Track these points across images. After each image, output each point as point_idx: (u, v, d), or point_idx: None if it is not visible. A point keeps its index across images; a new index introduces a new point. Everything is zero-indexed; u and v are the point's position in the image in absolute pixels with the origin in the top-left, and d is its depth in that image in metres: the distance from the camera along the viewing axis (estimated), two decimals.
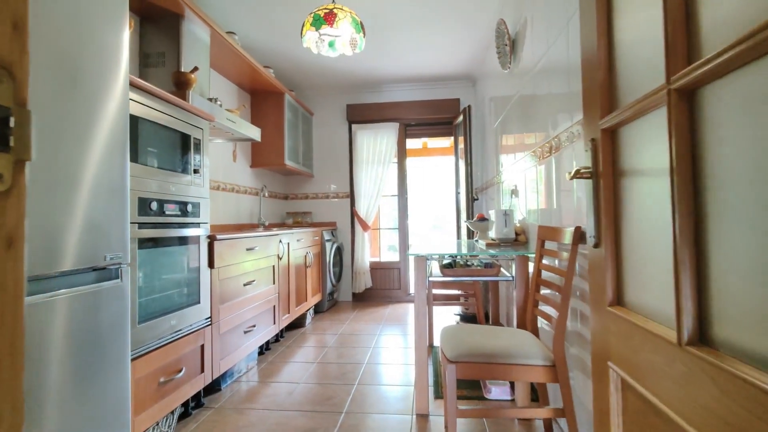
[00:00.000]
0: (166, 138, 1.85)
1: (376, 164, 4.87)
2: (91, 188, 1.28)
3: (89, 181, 1.28)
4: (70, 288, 1.22)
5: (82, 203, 1.25)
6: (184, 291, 1.97)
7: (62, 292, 1.19)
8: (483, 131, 4.23)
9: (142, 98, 1.70)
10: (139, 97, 1.68)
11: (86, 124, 1.28)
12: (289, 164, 4.20)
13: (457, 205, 4.74)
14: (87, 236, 1.27)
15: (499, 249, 2.25)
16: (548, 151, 1.99)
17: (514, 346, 1.52)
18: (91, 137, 1.30)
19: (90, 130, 1.29)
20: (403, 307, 4.63)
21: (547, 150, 2.00)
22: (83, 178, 1.25)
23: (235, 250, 2.44)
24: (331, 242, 4.55)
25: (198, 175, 2.08)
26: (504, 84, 3.13)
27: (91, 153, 1.29)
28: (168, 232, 1.82)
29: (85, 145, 1.27)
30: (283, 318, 3.27)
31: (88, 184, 1.27)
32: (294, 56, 3.97)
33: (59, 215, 1.17)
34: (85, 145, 1.27)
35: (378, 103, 4.92)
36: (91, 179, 1.28)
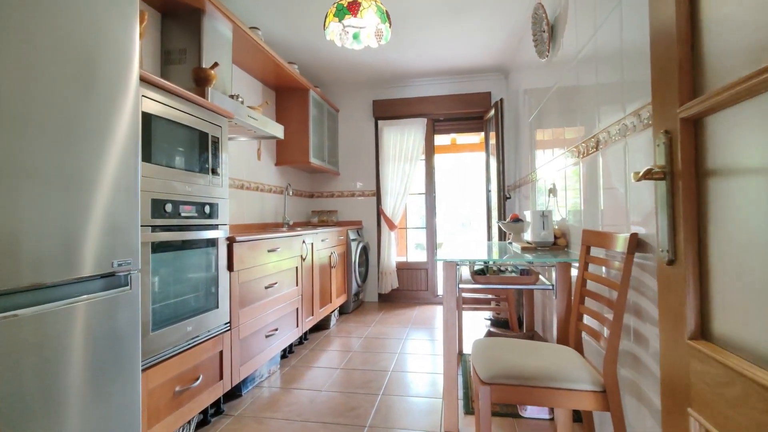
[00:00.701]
0: (181, 136, 1.77)
1: (403, 161, 4.72)
2: (97, 190, 1.20)
3: (96, 183, 1.19)
4: (74, 298, 1.14)
5: (87, 206, 1.17)
6: (202, 295, 1.89)
7: (66, 302, 1.11)
8: (516, 126, 4.00)
9: (155, 95, 1.61)
10: (153, 94, 1.60)
11: (94, 122, 1.19)
12: (314, 162, 4.11)
13: (488, 204, 4.53)
14: (93, 242, 1.19)
15: (536, 254, 2.07)
16: (593, 147, 1.78)
17: (556, 367, 1.35)
18: (98, 136, 1.21)
19: (97, 128, 1.21)
20: (431, 310, 4.47)
21: (593, 145, 1.79)
22: (89, 180, 1.17)
23: (256, 252, 2.36)
24: (357, 242, 4.44)
25: (216, 175, 2.00)
26: (540, 75, 2.92)
27: (97, 152, 1.21)
28: (184, 235, 1.73)
29: (90, 143, 1.18)
30: (307, 320, 3.19)
31: (95, 186, 1.19)
32: (318, 51, 3.87)
33: (62, 219, 1.09)
34: (90, 143, 1.18)
35: (405, 98, 4.76)
36: (97, 180, 1.20)
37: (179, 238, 1.71)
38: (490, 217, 4.52)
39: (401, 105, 4.75)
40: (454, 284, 1.88)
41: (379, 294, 4.85)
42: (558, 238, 2.23)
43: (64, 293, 1.12)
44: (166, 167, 1.67)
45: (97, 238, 1.21)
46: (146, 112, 1.57)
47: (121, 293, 1.31)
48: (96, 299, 1.20)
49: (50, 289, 1.08)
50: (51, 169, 1.07)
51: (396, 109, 4.76)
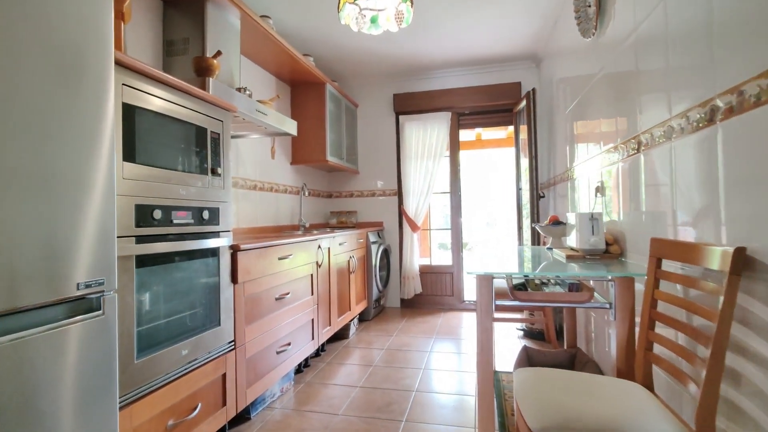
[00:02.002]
0: (174, 132, 1.54)
1: (426, 158, 4.43)
2: (57, 195, 0.97)
3: (55, 185, 0.97)
4: (24, 331, 0.92)
5: (41, 216, 0.94)
6: (200, 313, 1.67)
7: (11, 338, 0.89)
8: (550, 118, 3.66)
9: (141, 84, 1.39)
10: (138, 83, 1.38)
11: (56, 112, 0.97)
12: (331, 160, 3.87)
13: (518, 203, 4.20)
14: (48, 260, 0.97)
15: (583, 263, 1.76)
16: (662, 137, 1.47)
17: (629, 417, 1.06)
18: (62, 128, 0.99)
19: (60, 119, 0.98)
20: (457, 317, 4.17)
21: (661, 135, 1.48)
22: (45, 181, 0.94)
23: (264, 261, 2.13)
24: (377, 244, 4.18)
25: (217, 176, 1.77)
26: (582, 60, 2.58)
27: (59, 148, 0.98)
28: (177, 246, 1.51)
29: (51, 138, 0.96)
30: (324, 332, 2.95)
31: (53, 189, 0.96)
32: (335, 42, 3.62)
33: (4, 233, 0.87)
34: (51, 138, 0.96)
35: (427, 91, 4.47)
36: (57, 183, 0.97)
37: (171, 250, 1.48)
38: (520, 218, 4.19)
39: (423, 98, 4.46)
40: (490, 301, 1.59)
41: (402, 299, 4.58)
42: (610, 244, 1.91)
43: (7, 326, 0.90)
44: (155, 167, 1.44)
45: (55, 256, 0.98)
46: (129, 104, 1.34)
47: (91, 320, 1.09)
48: (51, 332, 0.98)
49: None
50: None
51: (418, 103, 4.48)
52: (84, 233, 1.06)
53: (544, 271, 1.56)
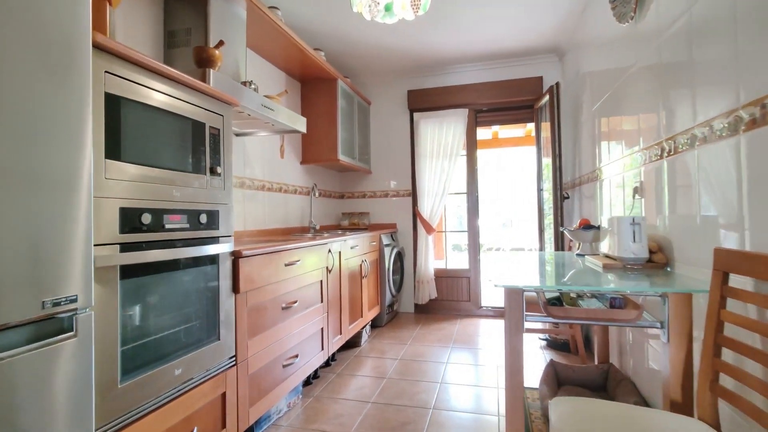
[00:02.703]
0: (167, 127, 1.39)
1: (442, 157, 4.24)
2: (18, 196, 0.82)
3: (15, 185, 0.82)
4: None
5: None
6: (197, 327, 1.51)
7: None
8: (575, 115, 3.43)
9: (125, 71, 1.23)
10: (124, 71, 1.22)
11: (16, 103, 0.82)
12: (343, 160, 3.70)
13: (539, 204, 3.98)
14: (5, 275, 0.82)
15: (624, 273, 1.55)
16: (726, 130, 1.26)
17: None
18: (23, 122, 0.84)
19: (22, 112, 0.83)
20: (474, 324, 3.97)
21: (725, 128, 1.27)
22: (3, 177, 0.79)
23: (270, 267, 1.97)
24: (391, 247, 4.00)
25: (216, 176, 1.61)
26: (615, 50, 2.37)
27: (20, 143, 0.83)
28: (169, 254, 1.35)
29: (8, 131, 0.81)
30: (334, 341, 2.78)
31: (13, 190, 0.81)
32: (347, 36, 3.45)
33: None
34: (8, 131, 0.81)
35: (443, 87, 4.27)
36: (19, 182, 0.82)
37: (162, 258, 1.32)
38: (542, 220, 3.96)
39: (439, 94, 4.27)
40: (520, 318, 1.40)
41: (416, 304, 4.39)
42: (653, 252, 1.70)
43: None
44: (144, 166, 1.29)
45: (16, 269, 0.83)
46: (113, 95, 1.19)
47: (60, 344, 0.93)
48: (13, 359, 0.83)
49: None
50: None
51: (433, 100, 4.28)
52: (52, 242, 0.90)
53: (586, 286, 1.36)
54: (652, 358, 1.88)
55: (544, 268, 1.98)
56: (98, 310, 1.12)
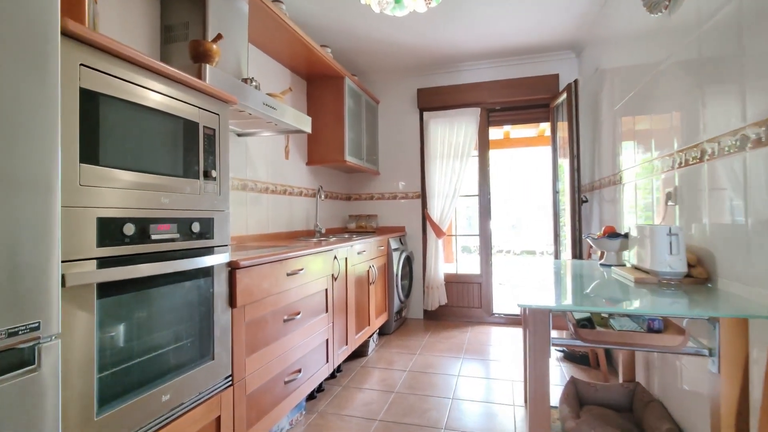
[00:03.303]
0: (154, 127, 1.25)
1: (453, 158, 4.08)
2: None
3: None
4: None
5: None
6: (187, 347, 1.38)
7: None
8: (594, 114, 3.26)
9: (104, 63, 1.10)
10: (101, 62, 1.09)
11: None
12: (350, 161, 3.56)
13: (555, 208, 3.80)
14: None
15: (659, 288, 1.39)
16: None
17: None
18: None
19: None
20: (486, 332, 3.81)
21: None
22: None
23: (270, 277, 1.83)
24: (399, 251, 3.85)
25: (210, 180, 1.48)
26: (642, 43, 2.20)
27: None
28: (155, 268, 1.22)
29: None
30: (340, 352, 2.64)
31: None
32: (354, 32, 3.31)
33: None
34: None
35: (454, 85, 4.11)
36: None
37: (147, 273, 1.19)
38: (557, 224, 3.79)
39: (450, 93, 4.11)
40: (547, 342, 1.25)
41: (425, 311, 4.24)
42: (692, 266, 1.53)
43: None
44: (128, 171, 1.15)
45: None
46: (90, 90, 1.05)
47: (18, 379, 0.80)
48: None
49: None
50: None
51: (444, 98, 4.13)
52: (9, 261, 0.77)
53: (633, 309, 1.19)
54: (686, 380, 1.71)
55: (564, 280, 1.82)
56: (70, 334, 0.99)
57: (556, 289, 1.55)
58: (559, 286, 1.65)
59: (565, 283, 1.69)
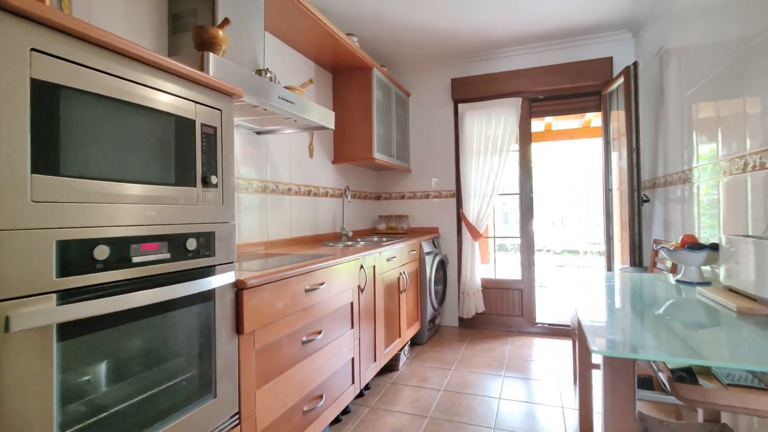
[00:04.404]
0: (137, 126, 1.04)
1: (490, 153, 3.75)
2: None
3: None
4: None
5: None
6: (182, 385, 1.16)
7: None
8: (655, 101, 2.85)
9: (66, 48, 0.89)
10: (60, 46, 0.88)
11: None
12: (379, 158, 3.31)
13: (607, 208, 3.41)
14: None
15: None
16: None
17: None
18: None
19: None
20: (528, 344, 3.47)
21: None
22: None
23: (285, 296, 1.60)
24: (433, 255, 3.57)
25: (211, 187, 1.26)
26: (726, 16, 1.81)
27: None
28: (136, 298, 1.00)
29: None
30: (367, 370, 2.40)
31: None
32: (382, 19, 3.04)
33: None
34: None
35: (492, 73, 3.76)
36: None
37: (125, 306, 0.98)
38: (609, 226, 3.39)
39: (488, 82, 3.77)
40: (631, 399, 0.95)
41: (460, 318, 3.94)
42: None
43: None
44: (98, 181, 0.94)
45: None
46: (46, 82, 0.84)
47: None
48: None
49: None
50: None
51: (481, 89, 3.79)
52: None
53: (757, 368, 0.88)
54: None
55: (635, 302, 1.49)
56: (17, 389, 0.79)
57: (631, 320, 1.24)
58: (634, 314, 1.32)
59: (640, 310, 1.37)
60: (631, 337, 1.04)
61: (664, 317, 1.23)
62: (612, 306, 1.48)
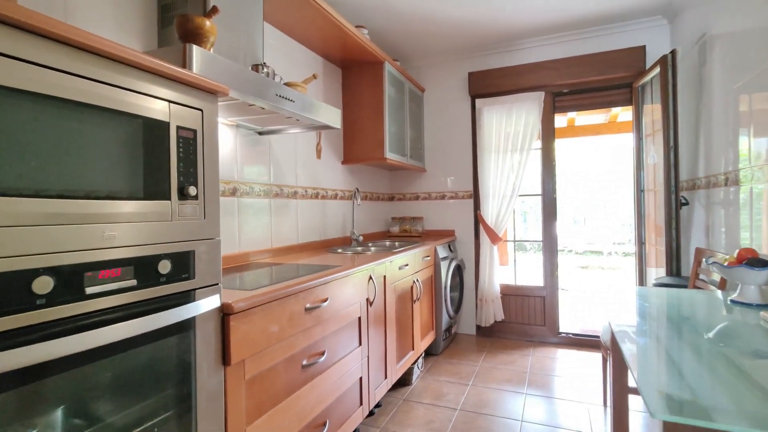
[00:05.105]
0: (90, 131, 0.87)
1: (510, 152, 3.52)
2: None
3: None
4: None
5: None
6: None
7: None
8: (696, 94, 2.58)
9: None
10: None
11: None
12: (391, 158, 3.12)
13: (639, 210, 3.15)
14: None
15: None
16: None
17: None
18: None
19: None
20: (551, 356, 3.24)
21: None
22: None
23: (281, 317, 1.43)
24: (448, 260, 3.37)
25: (189, 199, 1.09)
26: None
27: None
28: (90, 338, 0.84)
29: None
30: (377, 389, 2.23)
31: None
32: (394, 9, 2.84)
33: None
34: None
35: (512, 66, 3.52)
36: None
37: (75, 350, 0.81)
38: (641, 229, 3.13)
39: (507, 76, 3.53)
40: None
41: (478, 326, 3.73)
42: None
43: None
44: (38, 198, 0.78)
45: None
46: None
47: None
48: None
49: None
50: None
51: (500, 82, 3.55)
52: None
53: None
54: None
55: (681, 329, 1.27)
56: None
57: (690, 360, 1.02)
58: (691, 349, 1.11)
59: (696, 343, 1.15)
60: (699, 390, 0.83)
61: (730, 354, 1.02)
62: (657, 333, 1.26)
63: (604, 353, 2.29)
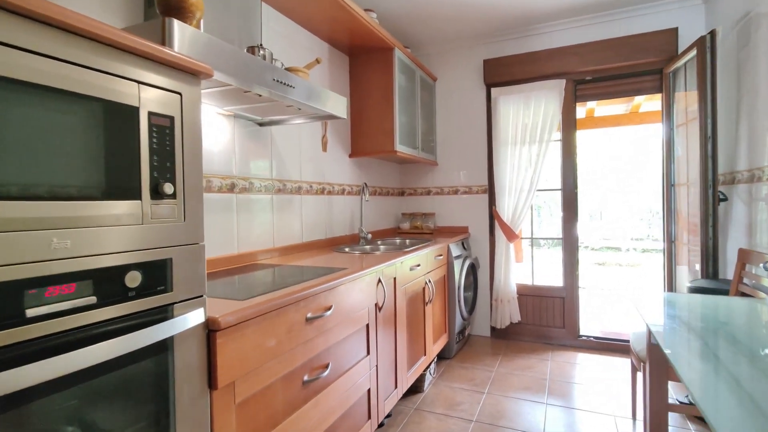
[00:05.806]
0: (28, 116, 0.71)
1: (528, 144, 3.31)
2: None
3: None
4: None
5: None
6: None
7: None
8: (735, 80, 2.34)
9: None
10: None
11: None
12: (401, 151, 2.93)
13: (669, 205, 2.93)
14: None
15: None
16: None
17: None
18: None
19: None
20: (571, 361, 3.05)
21: None
22: None
23: (278, 330, 1.27)
24: (462, 258, 3.19)
25: (166, 199, 0.92)
26: None
27: None
28: (25, 374, 0.68)
29: None
30: (387, 400, 2.07)
31: None
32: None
33: None
34: None
35: (530, 52, 3.30)
36: None
37: (7, 389, 0.66)
38: (670, 225, 2.91)
39: (525, 63, 3.31)
40: None
41: (492, 327, 3.55)
42: None
43: None
44: None
45: None
46: None
47: None
48: None
49: None
50: None
51: (517, 70, 3.34)
52: None
53: None
54: None
55: (737, 362, 1.08)
56: None
57: (762, 398, 0.83)
58: (755, 382, 0.92)
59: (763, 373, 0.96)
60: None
61: None
62: (714, 352, 1.07)
63: (635, 362, 2.10)
